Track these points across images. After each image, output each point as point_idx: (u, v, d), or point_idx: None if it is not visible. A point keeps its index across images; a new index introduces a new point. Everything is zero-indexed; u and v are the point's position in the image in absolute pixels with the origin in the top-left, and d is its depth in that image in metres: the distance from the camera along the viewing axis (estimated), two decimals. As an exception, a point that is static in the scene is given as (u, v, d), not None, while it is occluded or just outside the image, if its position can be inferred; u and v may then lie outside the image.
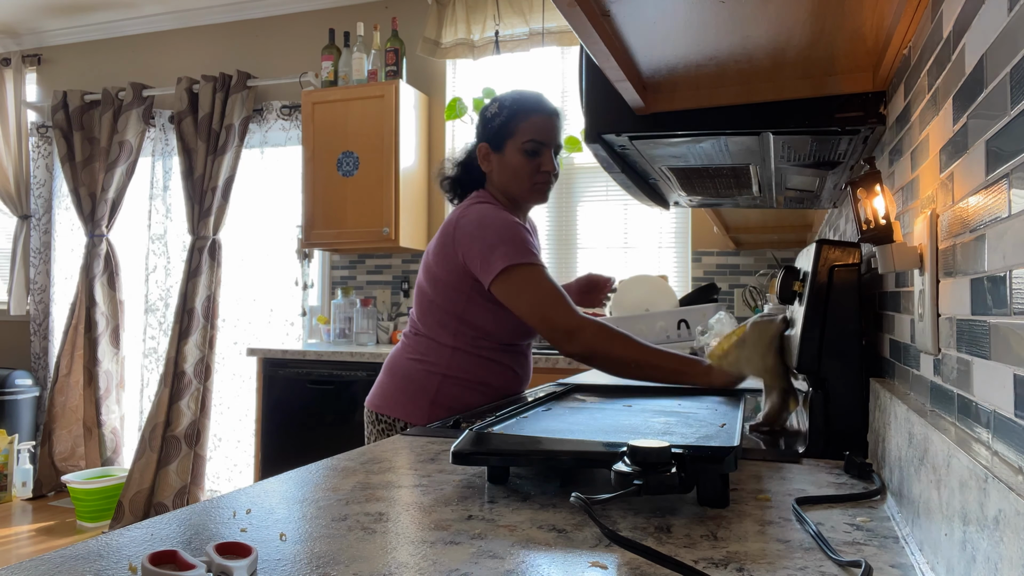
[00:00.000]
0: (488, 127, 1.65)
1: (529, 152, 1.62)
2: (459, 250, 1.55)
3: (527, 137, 1.61)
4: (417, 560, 0.61)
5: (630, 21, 0.88)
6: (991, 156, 0.55)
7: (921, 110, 0.81)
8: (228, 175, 4.02)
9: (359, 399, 3.17)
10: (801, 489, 0.86)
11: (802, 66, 1.04)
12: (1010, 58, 0.51)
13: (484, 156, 1.67)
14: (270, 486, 0.85)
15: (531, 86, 3.66)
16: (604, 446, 0.80)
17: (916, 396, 0.82)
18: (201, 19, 4.34)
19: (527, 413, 1.12)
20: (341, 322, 3.74)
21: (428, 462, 0.99)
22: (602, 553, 0.63)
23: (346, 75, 3.71)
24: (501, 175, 1.65)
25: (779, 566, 0.61)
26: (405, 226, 3.59)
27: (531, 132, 1.61)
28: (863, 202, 0.85)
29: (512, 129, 1.62)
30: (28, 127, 4.69)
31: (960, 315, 0.64)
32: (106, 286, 4.33)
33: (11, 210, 4.68)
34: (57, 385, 4.30)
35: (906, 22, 0.85)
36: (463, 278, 1.56)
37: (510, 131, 1.62)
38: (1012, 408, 0.50)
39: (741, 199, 1.86)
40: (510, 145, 1.63)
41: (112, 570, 0.58)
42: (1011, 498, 0.42)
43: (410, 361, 1.64)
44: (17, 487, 4.20)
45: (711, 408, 1.15)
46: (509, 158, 1.63)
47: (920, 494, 0.66)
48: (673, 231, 3.54)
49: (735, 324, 2.62)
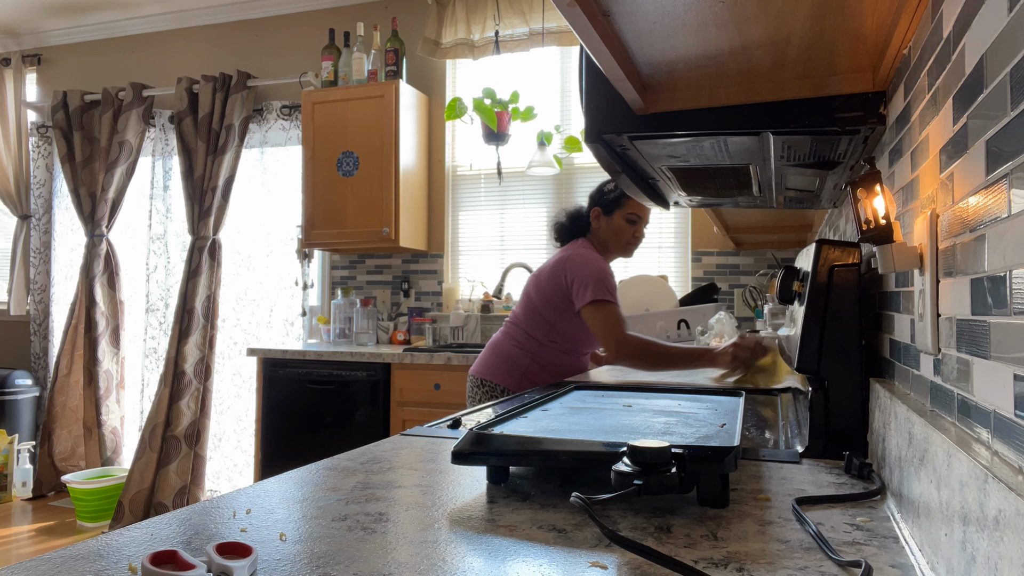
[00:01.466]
0: (604, 197, 2.31)
1: (631, 221, 2.29)
2: (566, 278, 2.19)
3: (632, 211, 2.28)
4: (417, 560, 0.61)
5: (630, 21, 0.88)
6: (991, 156, 0.55)
7: (921, 110, 0.81)
8: (228, 175, 4.02)
9: (359, 399, 3.17)
10: (801, 489, 0.86)
11: (802, 66, 1.04)
12: (1010, 58, 0.51)
13: (596, 216, 2.32)
14: (270, 486, 0.85)
15: (531, 86, 3.67)
16: (604, 446, 0.80)
17: (916, 396, 0.82)
18: (201, 19, 4.34)
19: (527, 413, 1.12)
20: (341, 322, 3.74)
21: (428, 462, 0.99)
22: (602, 553, 0.63)
23: (346, 75, 3.71)
24: (606, 233, 2.30)
25: (779, 566, 0.61)
26: (405, 226, 3.59)
27: (635, 208, 2.28)
28: (863, 202, 0.85)
29: (622, 203, 2.27)
30: (28, 127, 4.69)
31: (960, 315, 0.63)
32: (106, 286, 4.33)
33: (11, 210, 4.68)
34: (57, 385, 4.30)
35: (906, 22, 0.85)
36: (563, 298, 2.20)
37: (620, 204, 2.28)
38: (1012, 408, 0.50)
39: (741, 199, 1.86)
40: (618, 213, 2.28)
41: (112, 570, 0.58)
42: (1011, 498, 0.42)
43: (510, 345, 2.29)
44: (17, 487, 4.20)
45: (711, 408, 1.15)
46: (616, 222, 2.29)
47: (920, 494, 0.66)
48: (673, 231, 3.54)
49: (735, 324, 2.62)
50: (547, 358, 2.27)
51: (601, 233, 2.31)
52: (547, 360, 2.27)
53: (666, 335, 2.93)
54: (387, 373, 3.16)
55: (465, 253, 3.88)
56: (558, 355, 2.28)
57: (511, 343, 2.29)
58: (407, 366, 3.12)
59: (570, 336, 2.27)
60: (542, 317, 2.25)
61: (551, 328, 2.25)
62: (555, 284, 2.22)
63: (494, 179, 3.74)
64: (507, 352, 2.29)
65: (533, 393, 1.73)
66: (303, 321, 4.04)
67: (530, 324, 2.28)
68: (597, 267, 2.17)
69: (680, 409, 1.14)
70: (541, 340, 2.26)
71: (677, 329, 2.91)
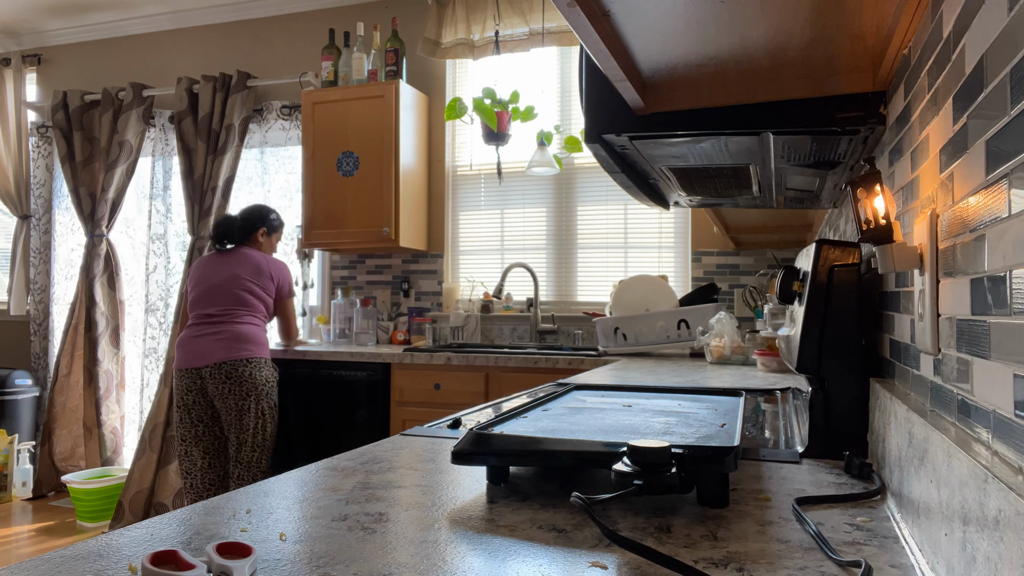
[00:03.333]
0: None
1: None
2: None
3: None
4: (417, 560, 0.61)
5: (630, 21, 0.88)
6: (991, 156, 0.55)
7: (921, 110, 0.81)
8: (228, 175, 4.02)
9: (359, 399, 3.17)
10: (801, 489, 0.86)
11: (802, 66, 1.04)
12: (1010, 58, 0.51)
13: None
14: (270, 486, 0.85)
15: (531, 86, 3.67)
16: (604, 446, 0.80)
17: (916, 396, 0.82)
18: (201, 19, 4.34)
19: (527, 413, 1.12)
20: (341, 322, 3.74)
21: (428, 462, 0.99)
22: (602, 553, 0.63)
23: (346, 75, 3.71)
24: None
25: (779, 566, 0.61)
26: (405, 226, 3.59)
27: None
28: (863, 202, 0.85)
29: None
30: (28, 127, 4.69)
31: (960, 315, 0.64)
32: (106, 286, 4.33)
33: (11, 210, 4.68)
34: (57, 385, 4.30)
35: (906, 22, 0.85)
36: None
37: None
38: (1012, 408, 0.50)
39: (741, 199, 1.86)
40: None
41: (112, 570, 0.58)
42: (1011, 498, 0.42)
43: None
44: (17, 487, 4.20)
45: (711, 408, 1.15)
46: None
47: (920, 494, 0.66)
48: (673, 231, 3.54)
49: (735, 324, 2.62)
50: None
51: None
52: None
53: (666, 335, 2.93)
54: (387, 373, 3.16)
55: (465, 253, 3.88)
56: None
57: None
58: (407, 366, 3.12)
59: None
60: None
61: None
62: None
63: (494, 179, 3.74)
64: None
65: (533, 393, 1.73)
66: (303, 321, 4.04)
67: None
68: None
69: (680, 409, 1.14)
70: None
71: (677, 329, 2.91)
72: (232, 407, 2.87)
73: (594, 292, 3.64)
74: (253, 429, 2.88)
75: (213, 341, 2.91)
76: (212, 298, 2.99)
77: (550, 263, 3.72)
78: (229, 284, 2.99)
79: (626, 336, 2.97)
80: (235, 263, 3.03)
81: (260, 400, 2.91)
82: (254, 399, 2.89)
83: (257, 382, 2.90)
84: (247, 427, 2.86)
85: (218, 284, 3.00)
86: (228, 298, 2.97)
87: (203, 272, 3.06)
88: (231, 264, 3.03)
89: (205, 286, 3.02)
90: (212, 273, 3.03)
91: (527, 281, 3.70)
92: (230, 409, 2.88)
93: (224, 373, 2.87)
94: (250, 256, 3.06)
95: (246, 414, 2.86)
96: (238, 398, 2.86)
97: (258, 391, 2.90)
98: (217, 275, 3.02)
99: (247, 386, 2.88)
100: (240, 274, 3.00)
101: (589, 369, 2.72)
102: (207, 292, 3.01)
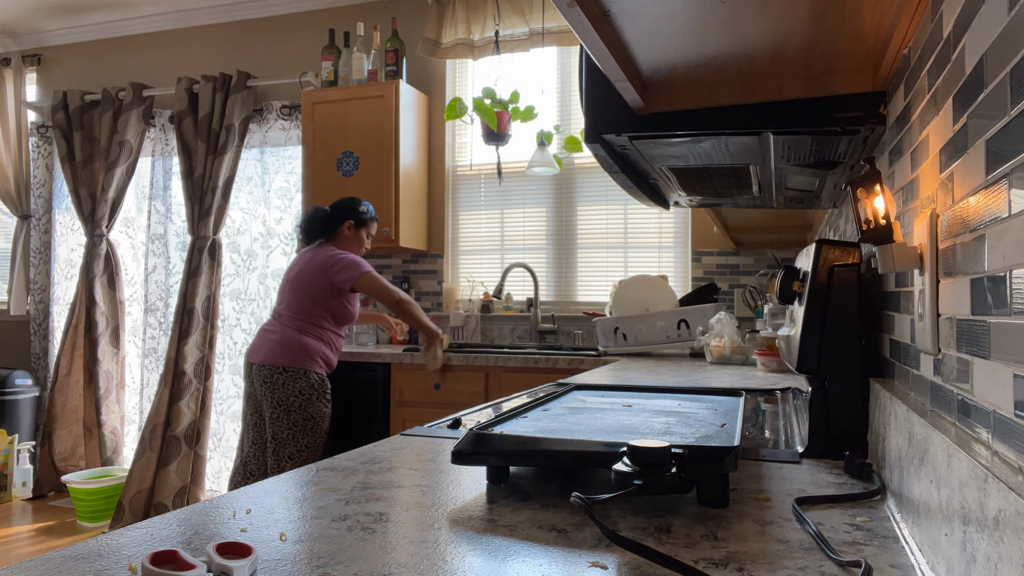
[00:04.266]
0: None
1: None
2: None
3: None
4: (417, 560, 0.61)
5: (630, 21, 0.88)
6: (991, 156, 0.55)
7: (921, 110, 0.81)
8: (228, 175, 4.02)
9: (359, 399, 3.17)
10: (801, 489, 0.86)
11: (802, 66, 1.04)
12: (1010, 58, 0.51)
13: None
14: (270, 486, 0.85)
15: (531, 86, 3.67)
16: (604, 446, 0.80)
17: (916, 396, 0.82)
18: (201, 19, 4.34)
19: (527, 413, 1.12)
20: (341, 322, 3.74)
21: (428, 462, 0.99)
22: (602, 553, 0.63)
23: (346, 75, 3.71)
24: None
25: (779, 566, 0.61)
26: (405, 226, 3.59)
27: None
28: (863, 202, 0.85)
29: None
30: (28, 127, 4.69)
31: (960, 315, 0.64)
32: (106, 286, 4.33)
33: (11, 210, 4.68)
34: (57, 385, 4.30)
35: (906, 22, 0.85)
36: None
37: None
38: (1012, 408, 0.50)
39: (741, 199, 1.86)
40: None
41: (112, 570, 0.58)
42: (1011, 498, 0.42)
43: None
44: (17, 487, 4.20)
45: (711, 408, 1.15)
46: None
47: (920, 494, 0.66)
48: (673, 231, 3.54)
49: (735, 324, 2.62)
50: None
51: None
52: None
53: (666, 335, 2.93)
54: (387, 373, 3.16)
55: (465, 253, 3.88)
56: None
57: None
58: (407, 366, 3.12)
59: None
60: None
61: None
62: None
63: (494, 179, 3.74)
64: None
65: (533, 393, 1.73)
66: (303, 321, 4.04)
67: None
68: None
69: (680, 409, 1.14)
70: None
71: (677, 329, 2.91)
72: (267, 408, 2.80)
73: (594, 292, 3.64)
74: (284, 438, 2.76)
75: (266, 340, 2.85)
76: (282, 296, 2.92)
77: (550, 263, 3.72)
78: (294, 285, 2.88)
79: (626, 336, 2.97)
80: (307, 262, 2.89)
81: (291, 412, 2.77)
82: (284, 409, 2.76)
83: (289, 393, 2.78)
84: (279, 434, 2.76)
85: (287, 281, 2.92)
86: (290, 300, 2.88)
87: (290, 267, 2.97)
88: (304, 263, 2.90)
89: (282, 281, 2.96)
90: (291, 269, 2.94)
91: (527, 281, 3.70)
92: (266, 410, 2.81)
93: (263, 376, 2.80)
94: (319, 255, 2.88)
95: (276, 421, 2.77)
96: (271, 404, 2.78)
97: (288, 402, 2.77)
98: (291, 272, 2.93)
99: (279, 395, 2.78)
100: (305, 276, 2.87)
101: (589, 369, 2.72)
102: (281, 288, 2.95)
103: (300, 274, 2.88)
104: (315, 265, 2.86)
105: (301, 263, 2.91)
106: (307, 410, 2.80)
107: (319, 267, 2.85)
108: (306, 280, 2.86)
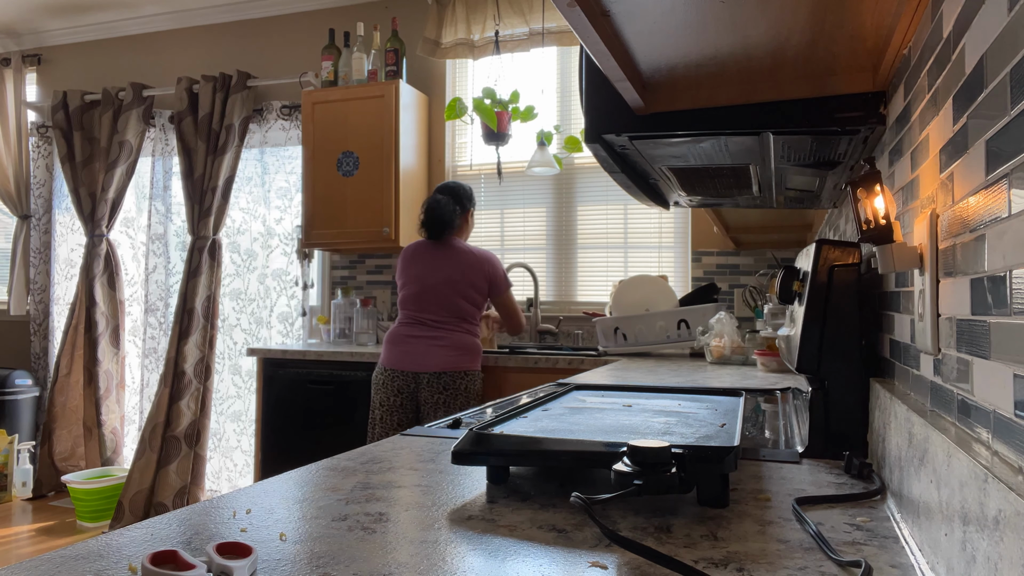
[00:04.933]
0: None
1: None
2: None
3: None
4: (417, 560, 0.61)
5: (630, 21, 0.88)
6: (991, 156, 0.55)
7: (921, 110, 0.81)
8: (228, 175, 4.02)
9: (359, 399, 3.17)
10: (801, 489, 0.86)
11: (802, 66, 1.04)
12: (1010, 58, 0.51)
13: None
14: (270, 486, 0.85)
15: (531, 86, 3.67)
16: (604, 446, 0.80)
17: (916, 396, 0.82)
18: (201, 19, 4.34)
19: (527, 413, 1.12)
20: (341, 322, 3.74)
21: (428, 462, 0.99)
22: (602, 553, 0.63)
23: (346, 75, 3.71)
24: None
25: (779, 566, 0.61)
26: (405, 226, 3.59)
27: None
28: (863, 202, 0.85)
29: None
30: (28, 127, 4.69)
31: (960, 315, 0.64)
32: (106, 286, 4.33)
33: (11, 210, 4.68)
34: (57, 385, 4.30)
35: (906, 22, 0.85)
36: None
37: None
38: (1012, 408, 0.50)
39: (741, 199, 1.86)
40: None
41: (112, 570, 0.58)
42: (1011, 498, 0.42)
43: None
44: (17, 487, 4.20)
45: (711, 408, 1.15)
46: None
47: (920, 494, 0.66)
48: (673, 231, 3.54)
49: (735, 324, 2.62)
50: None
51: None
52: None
53: (666, 335, 2.93)
54: (387, 373, 3.16)
55: (465, 253, 3.87)
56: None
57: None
58: (407, 366, 3.12)
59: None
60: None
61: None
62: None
63: (494, 179, 3.74)
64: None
65: (533, 393, 1.73)
66: (303, 321, 4.04)
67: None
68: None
69: (680, 409, 1.14)
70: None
71: (677, 329, 2.91)
72: (437, 414, 2.71)
73: (594, 292, 3.64)
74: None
75: (432, 346, 2.74)
76: (429, 301, 2.79)
77: (550, 263, 3.72)
78: (447, 288, 2.78)
79: (626, 336, 2.97)
80: (450, 263, 2.80)
81: (455, 411, 2.70)
82: (456, 410, 2.70)
83: (470, 395, 2.74)
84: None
85: (434, 286, 2.79)
86: (446, 304, 2.77)
87: (418, 269, 2.83)
88: (446, 263, 2.80)
89: (419, 286, 2.81)
90: (427, 271, 2.81)
91: (527, 281, 3.70)
92: (432, 415, 2.72)
93: (443, 383, 2.71)
94: (463, 255, 2.81)
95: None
96: (450, 409, 2.70)
97: (459, 404, 2.73)
98: (433, 275, 2.80)
99: (461, 399, 2.72)
100: (457, 278, 2.78)
101: (589, 369, 2.72)
102: (422, 293, 2.80)
103: (452, 279, 2.78)
104: (466, 267, 2.79)
105: (442, 262, 2.79)
106: (468, 407, 2.76)
107: (473, 265, 2.79)
108: (462, 284, 2.78)
